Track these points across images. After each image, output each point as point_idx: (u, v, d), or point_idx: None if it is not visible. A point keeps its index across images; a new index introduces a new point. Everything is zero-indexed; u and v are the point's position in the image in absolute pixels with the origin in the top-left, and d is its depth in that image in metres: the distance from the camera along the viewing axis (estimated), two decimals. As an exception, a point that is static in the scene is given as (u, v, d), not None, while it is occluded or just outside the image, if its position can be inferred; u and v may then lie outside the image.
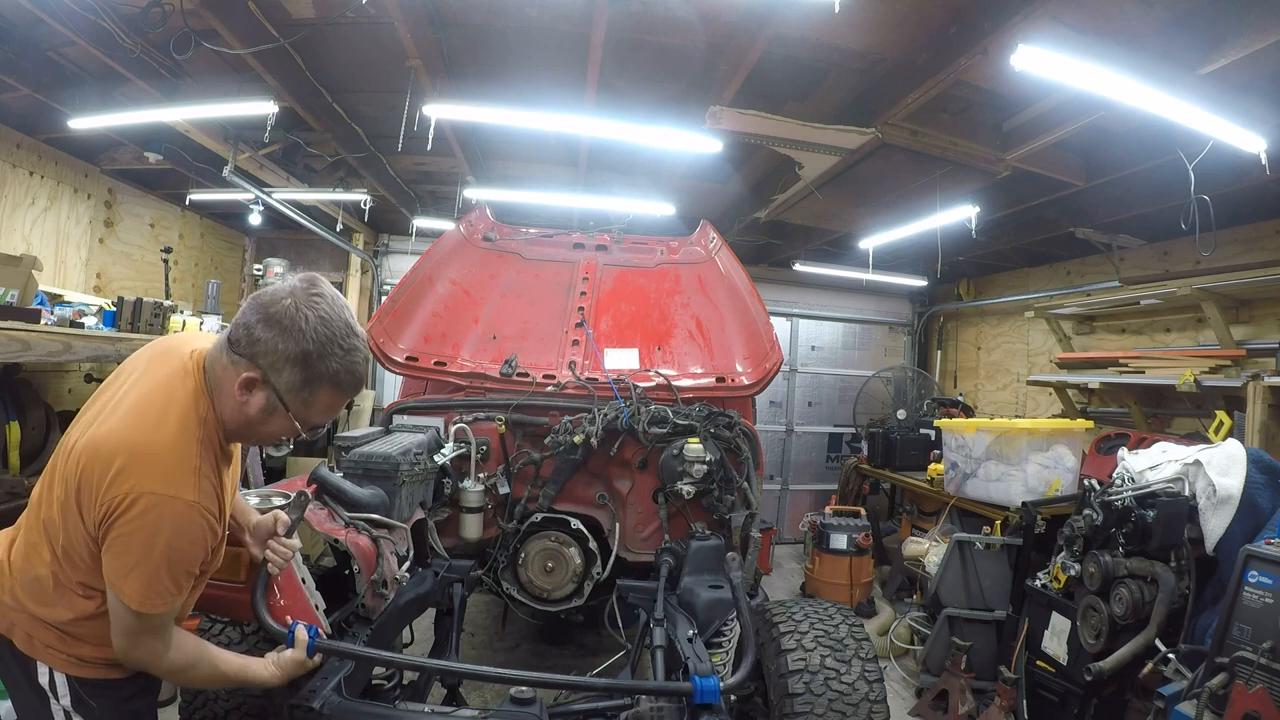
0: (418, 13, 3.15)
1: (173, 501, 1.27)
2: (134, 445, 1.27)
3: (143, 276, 5.73)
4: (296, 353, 1.33)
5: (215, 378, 1.39)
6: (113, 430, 1.29)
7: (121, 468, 1.24)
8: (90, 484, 1.26)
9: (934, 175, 4.32)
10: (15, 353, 2.54)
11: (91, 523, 1.28)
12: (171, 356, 1.43)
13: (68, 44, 3.50)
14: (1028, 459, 4.16)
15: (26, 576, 1.36)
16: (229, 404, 1.38)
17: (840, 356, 8.09)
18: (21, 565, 1.37)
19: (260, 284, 6.53)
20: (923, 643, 4.09)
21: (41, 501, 1.37)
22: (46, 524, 1.34)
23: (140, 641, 1.36)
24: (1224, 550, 2.74)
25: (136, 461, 1.26)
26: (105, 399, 1.42)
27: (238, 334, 1.36)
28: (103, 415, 1.35)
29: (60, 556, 1.34)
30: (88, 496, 1.26)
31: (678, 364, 3.73)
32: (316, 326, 1.33)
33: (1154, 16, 2.78)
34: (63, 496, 1.30)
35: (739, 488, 3.24)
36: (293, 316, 1.33)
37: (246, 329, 1.34)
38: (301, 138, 4.79)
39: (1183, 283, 4.48)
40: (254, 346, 1.34)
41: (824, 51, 3.41)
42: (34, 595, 1.36)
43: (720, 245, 4.18)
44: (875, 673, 2.27)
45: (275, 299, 1.35)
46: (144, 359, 1.49)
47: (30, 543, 1.37)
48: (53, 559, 1.34)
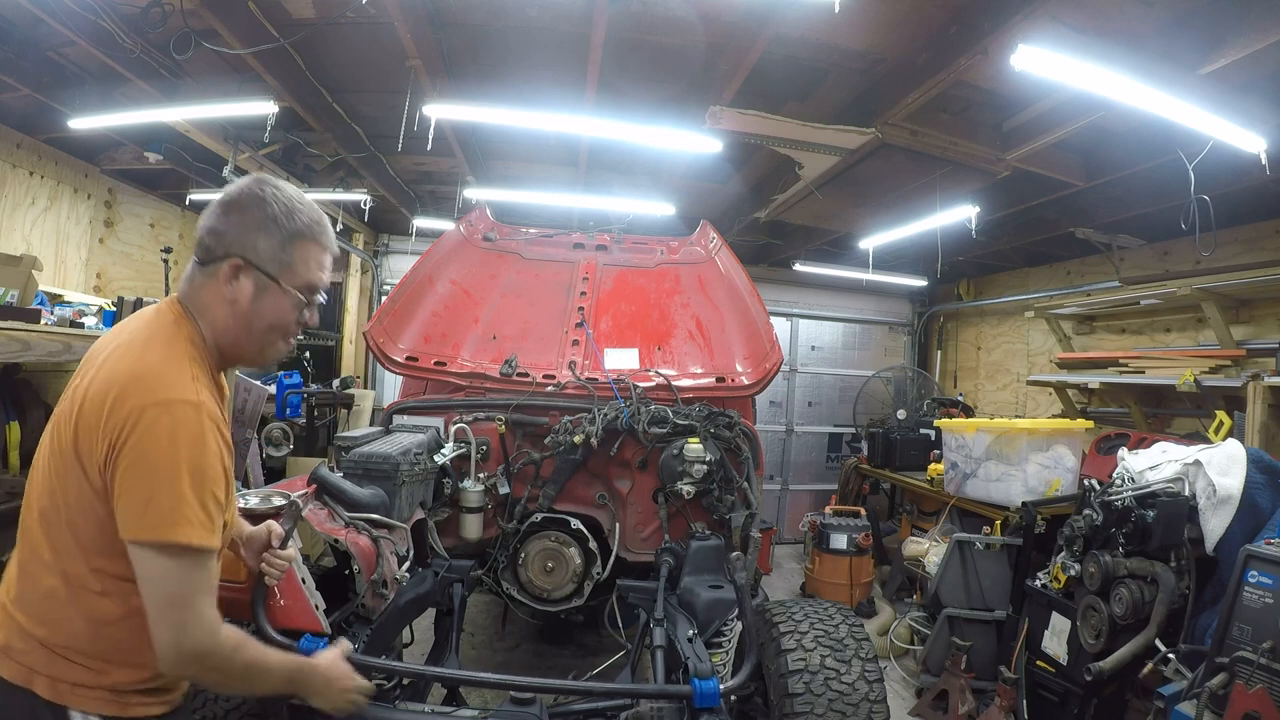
0: (418, 13, 3.15)
1: (181, 405, 1.16)
2: (127, 372, 1.18)
3: (143, 276, 5.73)
4: (263, 218, 1.29)
5: (196, 300, 1.31)
6: (100, 372, 1.20)
7: (119, 394, 1.15)
8: (89, 426, 1.15)
9: (934, 175, 4.32)
10: (15, 353, 2.54)
11: (96, 468, 1.15)
12: (141, 313, 1.35)
13: (68, 44, 3.50)
14: (1028, 459, 4.16)
15: (34, 597, 1.20)
16: (219, 313, 1.30)
17: (840, 356, 8.09)
18: (24, 588, 1.22)
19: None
20: (923, 643, 4.09)
21: (32, 499, 1.24)
22: (42, 516, 1.21)
23: (190, 606, 1.16)
24: (1224, 550, 2.74)
25: (134, 383, 1.16)
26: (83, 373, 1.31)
27: (201, 246, 1.30)
28: (85, 376, 1.25)
29: (64, 547, 1.19)
30: (88, 441, 1.15)
31: (678, 364, 3.73)
32: (273, 193, 1.31)
33: (1154, 16, 2.78)
34: (59, 464, 1.19)
35: (739, 488, 3.24)
36: (247, 194, 1.30)
37: (206, 233, 1.30)
38: (301, 138, 4.79)
39: (1183, 283, 4.48)
40: (220, 240, 1.28)
41: (824, 51, 3.41)
42: (47, 618, 1.19)
43: (720, 245, 4.18)
44: (875, 673, 2.27)
45: (225, 194, 1.32)
46: (113, 330, 1.38)
47: (27, 553, 1.23)
48: (54, 555, 1.19)
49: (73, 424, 1.18)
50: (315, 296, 1.39)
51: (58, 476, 1.20)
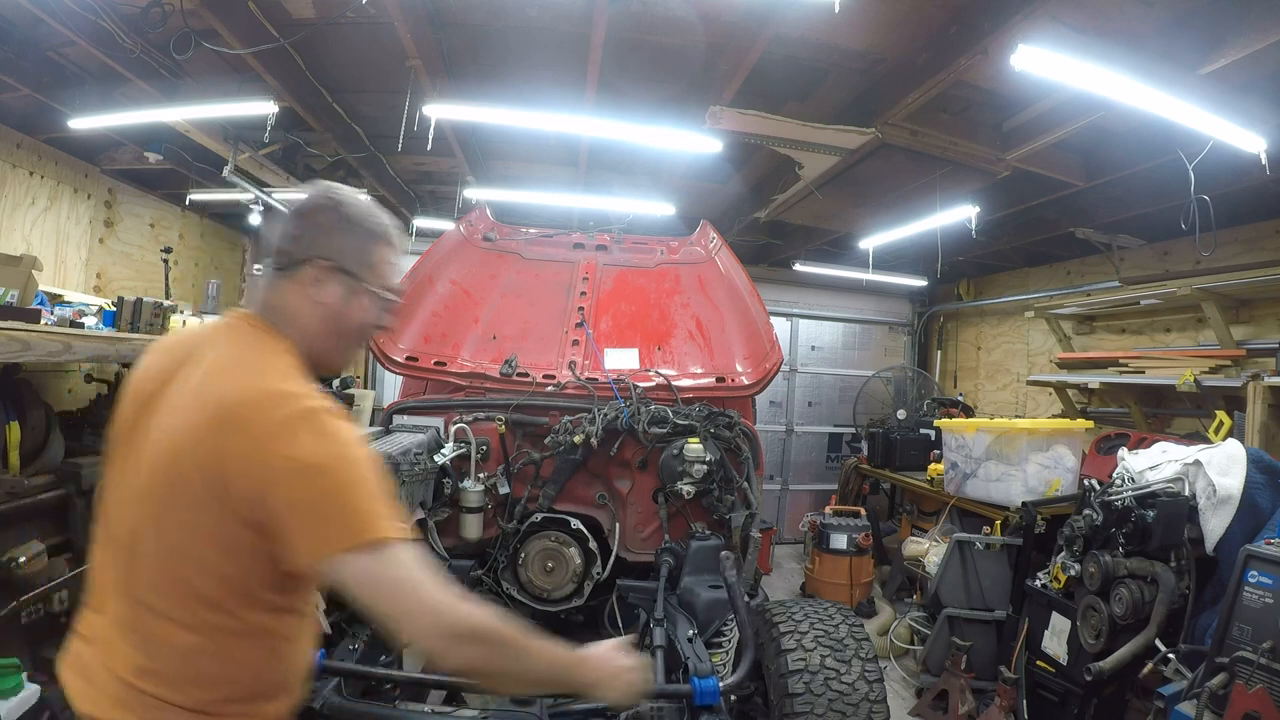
0: (418, 13, 3.15)
1: (322, 412, 1.10)
2: (253, 391, 1.09)
3: (143, 276, 5.73)
4: (341, 220, 1.27)
5: (280, 307, 1.25)
6: (210, 401, 1.09)
7: (253, 416, 1.06)
8: (223, 458, 1.05)
9: (934, 175, 4.32)
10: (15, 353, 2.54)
11: (244, 501, 1.04)
12: (213, 333, 1.26)
13: (68, 44, 3.50)
14: (1028, 459, 4.16)
15: (171, 661, 1.08)
16: (307, 316, 1.24)
17: (840, 356, 8.09)
18: (150, 655, 1.08)
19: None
20: (923, 643, 4.09)
21: (130, 554, 1.12)
22: (161, 569, 1.09)
23: (431, 585, 1.06)
24: (1224, 550, 2.74)
25: (267, 402, 1.07)
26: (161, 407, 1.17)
27: (280, 254, 1.26)
28: (176, 406, 1.13)
29: (199, 596, 1.08)
30: (237, 465, 1.04)
31: (678, 364, 3.73)
32: (347, 197, 1.31)
33: (1154, 16, 2.78)
34: (178, 510, 1.08)
35: (739, 488, 3.24)
36: (321, 199, 1.29)
37: (284, 239, 1.26)
38: (301, 138, 4.79)
39: (1183, 283, 4.48)
40: (301, 244, 1.25)
41: (824, 51, 3.41)
42: (198, 679, 1.09)
43: (720, 245, 4.19)
44: (875, 673, 2.27)
45: (295, 204, 1.30)
46: (177, 353, 1.24)
47: (136, 614, 1.10)
48: (185, 608, 1.08)
49: (192, 462, 1.07)
50: (397, 297, 1.37)
51: (180, 525, 1.08)
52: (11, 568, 2.68)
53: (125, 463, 1.19)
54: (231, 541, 1.08)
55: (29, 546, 2.79)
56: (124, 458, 1.19)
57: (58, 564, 2.95)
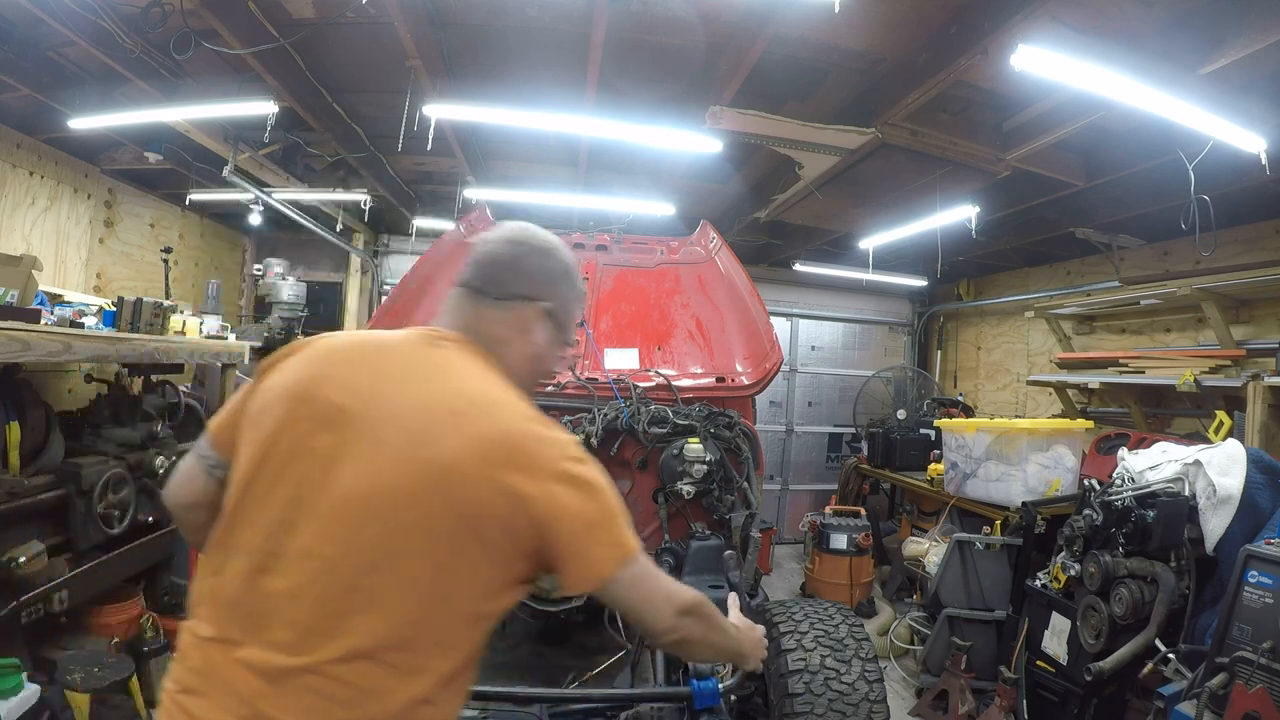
0: (418, 13, 3.15)
1: (567, 435, 1.16)
2: (532, 431, 1.11)
3: (143, 276, 5.73)
4: (562, 270, 1.32)
5: (487, 335, 1.25)
6: (497, 429, 1.09)
7: (519, 444, 1.08)
8: (519, 487, 1.05)
9: (934, 175, 4.32)
10: (15, 353, 2.54)
11: (530, 527, 1.06)
12: (428, 350, 1.21)
13: (68, 44, 3.50)
14: (1028, 459, 4.16)
15: (397, 702, 1.02)
16: (516, 350, 1.26)
17: (840, 356, 8.09)
18: (364, 710, 1.01)
19: (260, 284, 6.53)
20: (923, 643, 4.09)
21: (343, 588, 1.02)
22: (406, 620, 1.03)
23: (660, 577, 1.17)
24: (1224, 550, 2.74)
25: (544, 440, 1.10)
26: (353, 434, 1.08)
27: (494, 281, 1.27)
28: (413, 431, 1.08)
29: (437, 642, 1.06)
30: (523, 498, 1.05)
31: (678, 364, 3.73)
32: (566, 250, 1.36)
33: (1154, 16, 2.78)
34: (439, 544, 1.04)
35: (739, 488, 3.24)
36: (543, 242, 1.33)
37: (505, 270, 1.28)
38: (301, 138, 4.79)
39: (1183, 283, 4.48)
40: (522, 281, 1.27)
41: (824, 51, 3.41)
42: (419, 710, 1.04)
43: (720, 245, 4.19)
44: (875, 673, 2.27)
45: (520, 237, 1.33)
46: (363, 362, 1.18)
47: (364, 663, 1.01)
48: (416, 657, 1.04)
49: (462, 494, 1.04)
50: (572, 353, 1.43)
51: (440, 568, 1.04)
52: (11, 568, 2.68)
53: (293, 476, 1.08)
54: (482, 580, 1.07)
55: (29, 546, 2.79)
56: (290, 470, 1.09)
57: (58, 564, 2.95)
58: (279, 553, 1.05)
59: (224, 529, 1.12)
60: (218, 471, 1.22)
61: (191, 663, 1.06)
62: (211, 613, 1.08)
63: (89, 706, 2.77)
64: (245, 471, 1.12)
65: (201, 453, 1.25)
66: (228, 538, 1.11)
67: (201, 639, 1.07)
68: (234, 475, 1.14)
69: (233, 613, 1.06)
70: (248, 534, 1.09)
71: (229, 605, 1.07)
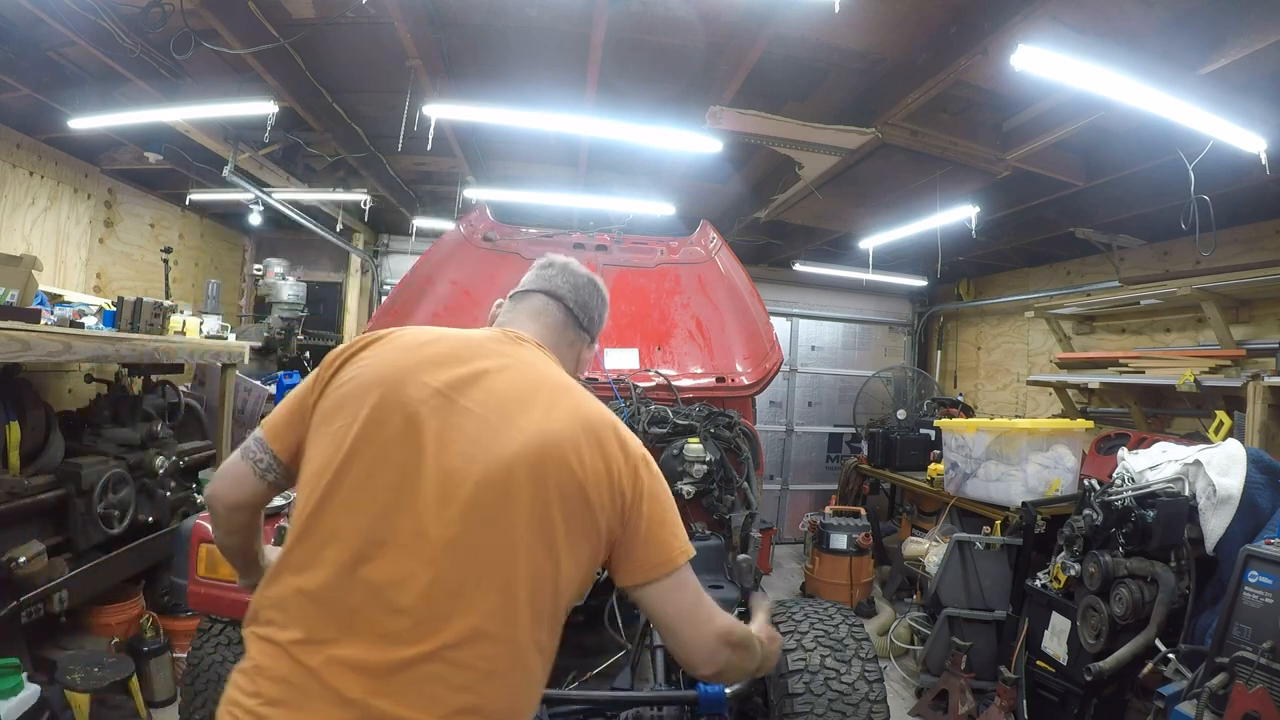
0: (418, 13, 3.15)
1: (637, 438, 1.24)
2: (600, 414, 1.19)
3: (143, 276, 5.73)
4: (600, 318, 1.48)
5: (561, 349, 1.38)
6: (597, 412, 1.19)
7: (618, 439, 1.17)
8: (618, 469, 1.13)
9: (934, 175, 4.32)
10: (15, 353, 2.54)
11: (606, 522, 1.12)
12: (520, 349, 1.28)
13: (68, 44, 3.50)
14: (1028, 459, 4.15)
15: (500, 698, 1.04)
16: (567, 370, 1.36)
17: (840, 356, 8.10)
18: (481, 692, 1.02)
19: (260, 284, 6.53)
20: (923, 643, 4.09)
21: (459, 567, 1.03)
22: (522, 576, 1.05)
23: (705, 596, 1.21)
24: (1224, 550, 2.74)
25: (617, 426, 1.19)
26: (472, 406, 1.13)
27: (586, 317, 1.42)
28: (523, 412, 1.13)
29: (553, 612, 1.10)
30: (619, 480, 1.13)
31: (678, 364, 3.73)
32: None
33: (1154, 16, 2.78)
34: (564, 532, 1.08)
35: (739, 488, 3.24)
36: (597, 287, 1.48)
37: (592, 307, 1.44)
38: (301, 138, 4.79)
39: (1183, 283, 4.48)
40: (593, 323, 1.45)
41: (824, 51, 3.41)
42: (515, 713, 1.08)
43: (720, 245, 4.19)
44: (875, 673, 2.27)
45: (599, 280, 1.48)
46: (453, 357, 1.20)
47: (486, 643, 1.02)
48: (544, 623, 1.09)
49: (576, 497, 1.09)
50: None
51: (546, 542, 1.08)
52: (11, 568, 2.69)
53: (395, 462, 1.09)
54: (588, 552, 1.13)
55: (29, 546, 2.79)
56: (390, 457, 1.09)
57: (58, 564, 2.96)
58: (385, 539, 1.03)
59: (306, 524, 1.08)
60: (269, 474, 1.21)
61: (275, 671, 1.00)
62: (296, 614, 1.03)
63: (89, 706, 2.77)
64: (330, 463, 1.09)
65: (253, 454, 1.22)
66: (313, 533, 1.07)
67: (283, 645, 1.01)
68: (311, 469, 1.12)
69: (325, 610, 1.02)
70: (344, 524, 1.06)
71: (320, 603, 1.03)
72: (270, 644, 1.03)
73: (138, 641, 3.40)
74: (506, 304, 1.44)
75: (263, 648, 1.03)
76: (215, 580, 1.67)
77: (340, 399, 1.14)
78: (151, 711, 3.31)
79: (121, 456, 3.46)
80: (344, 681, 0.97)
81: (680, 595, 1.17)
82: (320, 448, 1.12)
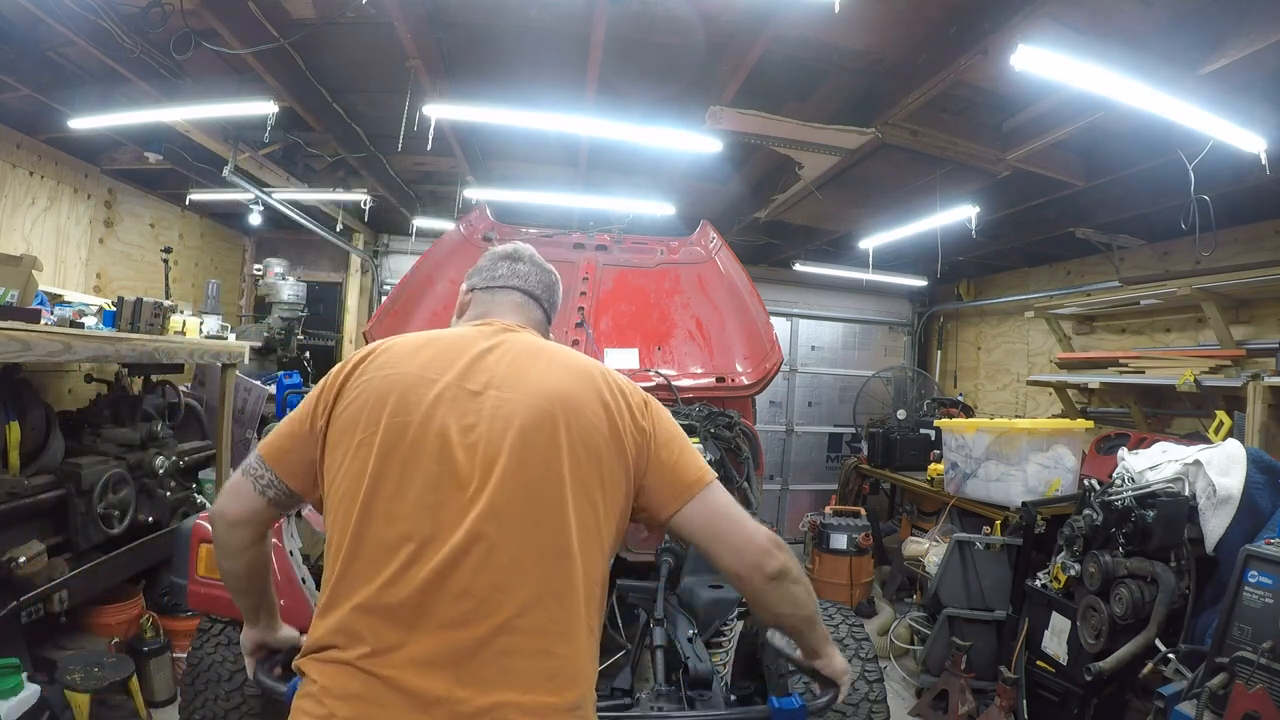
0: (418, 13, 3.15)
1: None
2: (604, 369, 1.29)
3: (143, 276, 5.73)
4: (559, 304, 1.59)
5: (541, 331, 1.46)
6: (593, 364, 1.29)
7: (628, 385, 1.27)
8: (621, 428, 1.19)
9: (934, 175, 4.32)
10: (15, 353, 2.54)
11: (632, 462, 1.19)
12: (512, 332, 1.35)
13: (68, 44, 3.50)
14: (1028, 459, 4.15)
15: (568, 665, 1.06)
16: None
17: (840, 356, 8.10)
18: (558, 655, 1.05)
19: (260, 284, 6.53)
20: (923, 643, 4.09)
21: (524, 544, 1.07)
22: (585, 530, 1.10)
23: (742, 510, 1.26)
24: (1224, 550, 2.74)
25: (617, 375, 1.30)
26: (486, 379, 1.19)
27: (549, 297, 1.50)
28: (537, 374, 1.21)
29: (596, 556, 1.13)
30: (628, 429, 1.19)
31: (678, 364, 3.73)
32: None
33: (1154, 16, 2.78)
34: (600, 489, 1.14)
35: (739, 488, 3.24)
36: (557, 278, 1.57)
37: (551, 290, 1.52)
38: (301, 138, 4.79)
39: (1183, 283, 4.48)
40: (557, 302, 1.55)
41: (824, 51, 3.41)
42: (580, 677, 1.08)
43: (720, 245, 4.19)
44: (875, 673, 2.27)
45: (553, 273, 1.55)
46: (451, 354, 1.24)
47: (555, 606, 1.06)
48: (598, 576, 1.13)
49: (600, 437, 1.16)
50: None
51: (601, 506, 1.14)
52: (11, 568, 2.68)
53: (428, 458, 1.11)
54: (620, 500, 1.18)
55: (29, 546, 2.79)
56: (421, 455, 1.11)
57: (58, 564, 2.96)
58: (434, 535, 1.05)
59: (350, 550, 1.08)
60: (269, 490, 1.22)
61: (346, 689, 1.00)
62: (359, 631, 1.02)
63: (89, 706, 2.77)
64: (359, 485, 1.10)
65: (253, 471, 1.23)
66: (359, 556, 1.07)
67: (350, 662, 1.01)
68: (338, 494, 1.12)
69: (388, 618, 1.02)
70: (390, 535, 1.07)
71: (381, 613, 1.03)
72: (335, 664, 1.02)
73: (138, 641, 3.40)
74: (480, 295, 1.46)
75: (325, 669, 1.03)
76: (215, 580, 1.67)
77: (351, 418, 1.16)
78: (151, 711, 3.31)
79: (121, 456, 3.46)
80: (424, 682, 0.98)
81: (719, 506, 1.21)
82: (342, 470, 1.13)
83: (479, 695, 0.98)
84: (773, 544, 1.20)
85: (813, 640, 1.36)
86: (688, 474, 1.21)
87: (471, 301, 1.47)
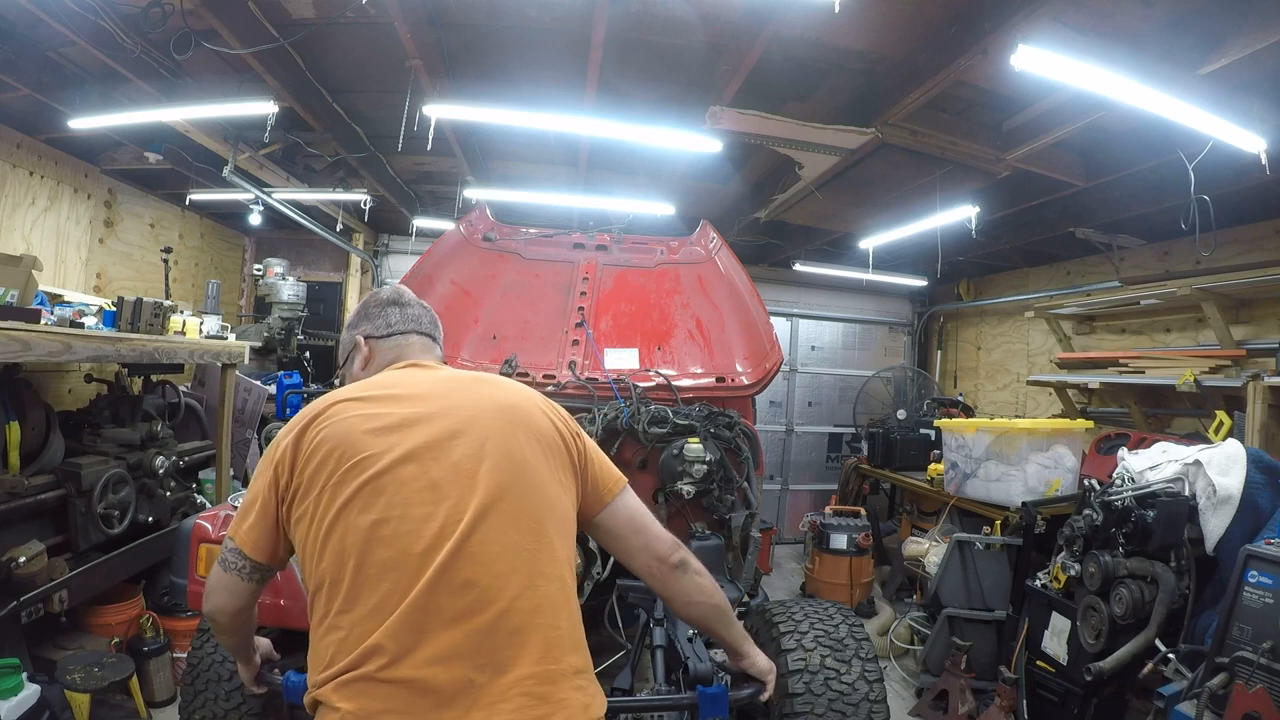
0: (418, 13, 3.15)
1: None
2: (526, 388, 1.44)
3: (143, 276, 5.73)
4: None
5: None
6: (528, 391, 1.42)
7: (549, 402, 1.42)
8: (561, 434, 1.35)
9: (934, 175, 4.32)
10: (15, 353, 2.54)
11: (577, 460, 1.37)
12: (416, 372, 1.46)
13: (68, 44, 3.50)
14: (1028, 459, 4.15)
15: (576, 637, 1.21)
16: None
17: (840, 356, 8.09)
18: (571, 631, 1.19)
19: (260, 284, 6.53)
20: (923, 643, 4.09)
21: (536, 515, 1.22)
22: (553, 523, 1.24)
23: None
24: (1224, 550, 2.74)
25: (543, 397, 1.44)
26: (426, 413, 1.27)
27: (437, 333, 1.60)
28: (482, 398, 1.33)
29: (567, 542, 1.28)
30: (568, 434, 1.37)
31: (678, 364, 3.73)
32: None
33: (1154, 16, 2.78)
34: (560, 483, 1.30)
35: (739, 488, 3.24)
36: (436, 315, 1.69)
37: (437, 326, 1.62)
38: (301, 138, 4.79)
39: (1183, 283, 4.48)
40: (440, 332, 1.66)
41: (824, 51, 3.41)
42: (575, 633, 1.21)
43: (720, 245, 4.19)
44: (875, 673, 2.27)
45: (431, 310, 1.65)
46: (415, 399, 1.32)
47: (558, 587, 1.20)
48: (568, 557, 1.27)
49: (551, 439, 1.32)
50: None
51: (565, 492, 1.32)
52: (11, 568, 2.69)
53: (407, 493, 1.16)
54: (575, 486, 1.36)
55: (29, 546, 2.79)
56: (398, 494, 1.15)
57: (58, 564, 2.96)
58: (431, 548, 1.12)
59: (356, 571, 1.11)
60: (254, 575, 1.27)
61: (370, 706, 1.04)
62: (382, 642, 1.06)
63: (89, 706, 2.77)
64: (347, 547, 1.12)
65: (234, 565, 1.27)
66: (358, 604, 1.10)
67: (369, 674, 1.05)
68: (321, 529, 1.15)
69: (397, 629, 1.06)
70: (391, 549, 1.11)
71: (390, 630, 1.06)
72: (353, 684, 1.05)
73: (138, 641, 3.40)
74: (380, 344, 1.51)
75: (344, 690, 1.06)
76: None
77: (319, 465, 1.19)
78: (151, 711, 3.31)
79: (121, 456, 3.46)
80: (446, 676, 1.04)
81: (637, 505, 1.43)
82: (321, 534, 1.15)
83: (499, 676, 1.05)
84: (675, 541, 1.44)
85: (732, 638, 1.53)
86: (610, 478, 1.42)
87: (374, 350, 1.51)
